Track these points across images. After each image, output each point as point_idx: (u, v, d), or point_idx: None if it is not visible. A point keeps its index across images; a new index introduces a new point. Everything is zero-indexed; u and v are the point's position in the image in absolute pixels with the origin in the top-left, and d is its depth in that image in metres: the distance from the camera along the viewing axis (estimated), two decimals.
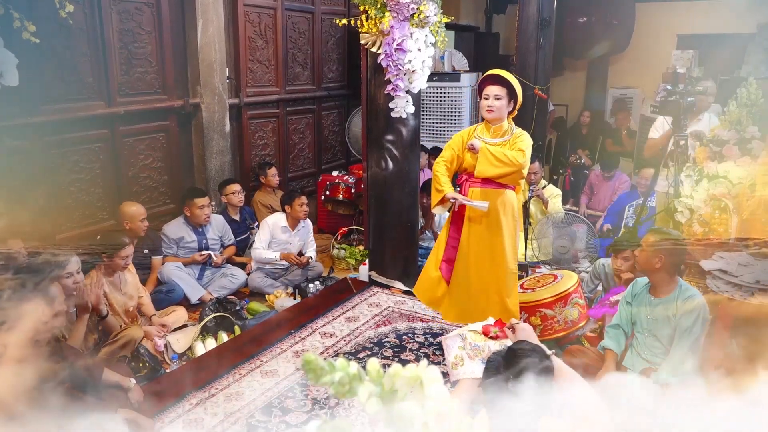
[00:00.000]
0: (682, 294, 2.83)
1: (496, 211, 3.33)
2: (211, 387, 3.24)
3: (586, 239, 4.93)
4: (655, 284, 2.94)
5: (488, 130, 3.38)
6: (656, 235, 2.93)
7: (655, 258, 2.84)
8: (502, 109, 3.31)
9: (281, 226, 4.57)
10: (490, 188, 3.34)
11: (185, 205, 4.39)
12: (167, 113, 4.76)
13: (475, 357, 2.08)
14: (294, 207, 4.53)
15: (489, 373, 1.63)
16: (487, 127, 3.38)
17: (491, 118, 3.34)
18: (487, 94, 3.31)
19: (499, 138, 3.35)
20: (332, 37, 6.47)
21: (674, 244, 2.85)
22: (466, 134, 3.43)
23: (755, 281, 2.91)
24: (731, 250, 3.17)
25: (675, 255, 2.84)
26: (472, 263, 3.40)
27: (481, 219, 3.35)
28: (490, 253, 3.37)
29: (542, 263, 5.02)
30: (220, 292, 4.35)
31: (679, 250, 2.88)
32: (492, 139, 3.34)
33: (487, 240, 3.36)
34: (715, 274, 3.09)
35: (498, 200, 3.33)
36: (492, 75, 3.32)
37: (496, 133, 3.36)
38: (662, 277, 2.88)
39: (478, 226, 3.38)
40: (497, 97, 3.29)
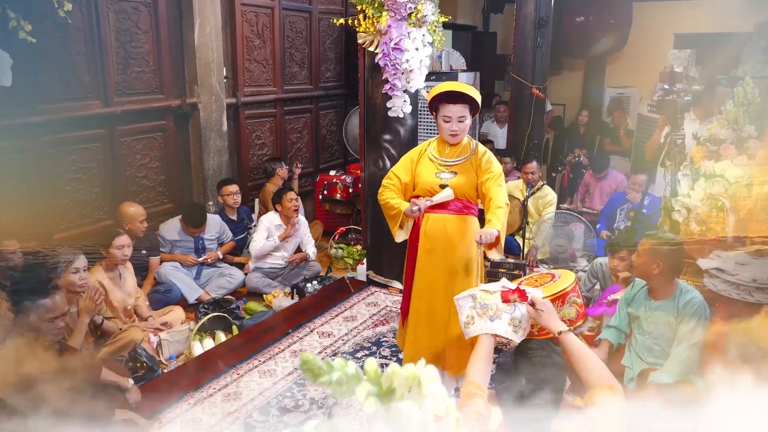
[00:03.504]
0: (683, 297, 2.78)
1: (455, 241, 2.92)
2: (208, 387, 3.23)
3: (583, 238, 4.93)
4: (654, 288, 2.88)
5: (444, 148, 2.96)
6: (653, 239, 2.87)
7: (652, 264, 2.78)
8: (467, 129, 2.90)
9: (276, 224, 4.58)
10: (450, 214, 2.93)
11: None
12: (164, 113, 4.75)
13: (483, 315, 2.13)
14: (284, 204, 4.54)
15: (501, 378, 1.62)
16: (443, 145, 2.96)
17: (456, 142, 2.94)
18: (448, 116, 2.83)
19: (457, 158, 2.93)
20: (330, 36, 6.47)
21: (671, 248, 2.80)
22: (416, 155, 3.01)
23: (752, 280, 2.91)
24: (728, 249, 3.18)
25: (673, 259, 2.79)
26: (430, 297, 2.98)
27: (440, 248, 2.92)
28: (451, 286, 2.90)
29: (540, 262, 5.02)
30: (218, 291, 4.35)
31: (677, 253, 2.82)
32: (450, 160, 2.93)
33: (447, 273, 2.94)
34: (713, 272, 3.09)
35: (458, 229, 2.93)
36: (453, 93, 2.80)
37: (453, 152, 2.94)
38: (661, 281, 2.83)
39: (437, 257, 2.93)
40: (461, 119, 2.84)
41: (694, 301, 2.77)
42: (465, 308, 2.22)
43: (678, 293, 2.81)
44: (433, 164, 2.95)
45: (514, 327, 2.09)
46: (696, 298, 2.78)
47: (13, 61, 3.39)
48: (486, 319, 2.11)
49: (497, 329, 2.08)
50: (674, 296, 2.81)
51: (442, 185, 2.90)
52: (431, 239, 2.94)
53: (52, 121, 3.90)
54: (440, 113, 2.87)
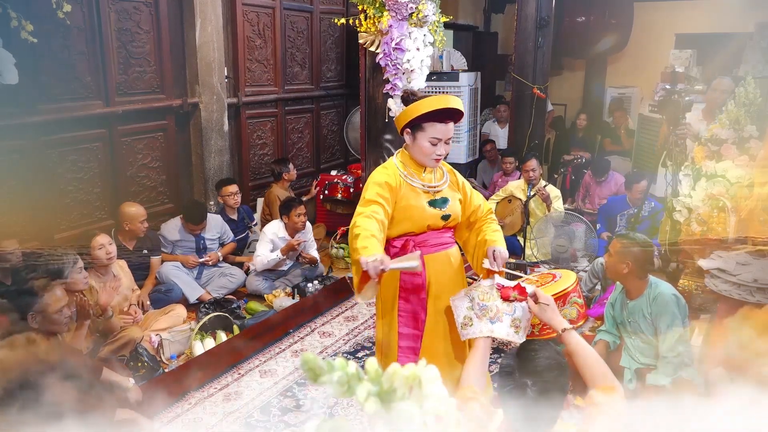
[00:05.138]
0: (652, 292, 2.85)
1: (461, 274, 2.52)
2: (209, 386, 3.24)
3: (584, 238, 4.92)
4: (627, 288, 2.97)
5: (421, 172, 2.38)
6: (622, 240, 2.95)
7: (621, 264, 2.87)
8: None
9: (281, 236, 4.46)
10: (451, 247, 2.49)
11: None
12: (165, 113, 4.76)
13: (483, 317, 2.08)
14: (291, 218, 4.40)
15: (504, 380, 1.61)
16: (418, 169, 2.38)
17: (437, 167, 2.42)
18: (437, 137, 2.27)
19: (440, 181, 2.42)
20: (331, 36, 6.47)
21: (640, 249, 2.86)
22: (392, 180, 2.33)
23: (753, 280, 2.92)
24: (729, 249, 3.18)
25: (642, 259, 2.86)
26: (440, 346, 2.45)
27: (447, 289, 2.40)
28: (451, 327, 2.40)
29: (541, 262, 5.02)
30: (219, 291, 4.35)
31: (646, 253, 2.89)
32: (435, 185, 2.40)
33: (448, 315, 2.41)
34: (714, 272, 3.10)
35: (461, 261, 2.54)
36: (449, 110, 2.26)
37: (433, 176, 2.42)
38: (632, 281, 2.91)
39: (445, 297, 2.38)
40: (449, 140, 2.32)
41: (663, 294, 2.81)
42: (462, 308, 2.17)
43: (648, 290, 2.87)
44: (419, 192, 2.36)
45: (515, 328, 2.06)
46: (664, 291, 2.83)
47: (15, 60, 3.40)
48: (486, 321, 2.07)
49: (499, 332, 2.04)
50: (645, 293, 2.88)
51: (445, 216, 2.40)
52: (440, 284, 2.42)
53: (53, 121, 3.91)
54: (426, 134, 2.27)
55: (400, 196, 2.32)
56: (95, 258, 3.46)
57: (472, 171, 6.89)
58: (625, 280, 2.93)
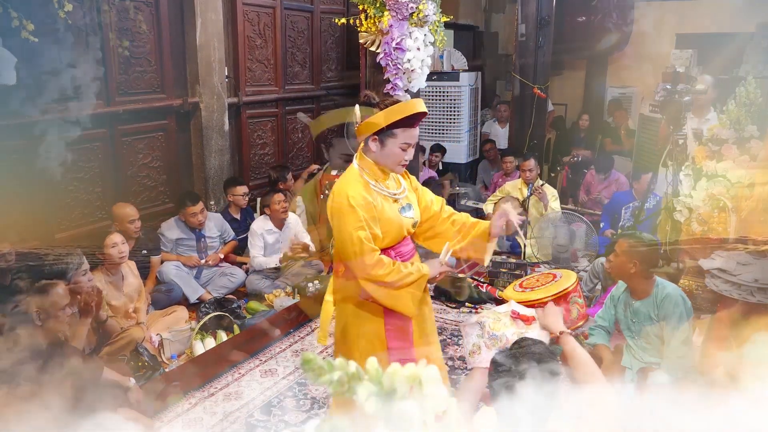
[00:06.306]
0: (660, 293, 2.83)
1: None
2: (210, 386, 3.24)
3: (585, 238, 4.93)
4: (633, 288, 2.94)
5: (384, 178, 2.29)
6: (629, 239, 2.92)
7: (629, 264, 2.84)
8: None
9: (267, 229, 4.52)
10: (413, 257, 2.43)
11: (180, 210, 4.37)
12: (166, 112, 4.76)
13: (492, 347, 2.06)
14: (272, 206, 4.48)
15: (495, 374, 1.62)
16: (382, 175, 2.28)
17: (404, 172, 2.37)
18: (408, 142, 2.20)
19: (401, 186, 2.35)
20: (331, 36, 6.47)
21: (647, 248, 2.84)
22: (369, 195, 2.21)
23: (754, 280, 2.91)
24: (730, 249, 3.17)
25: (649, 258, 2.85)
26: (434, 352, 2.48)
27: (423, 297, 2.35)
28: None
29: (541, 262, 5.02)
30: (220, 291, 4.35)
31: (653, 253, 2.88)
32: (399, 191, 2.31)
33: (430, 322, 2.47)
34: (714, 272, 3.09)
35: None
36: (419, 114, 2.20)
37: (394, 181, 2.34)
38: (639, 281, 2.89)
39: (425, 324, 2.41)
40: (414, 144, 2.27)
41: (672, 296, 2.80)
42: (471, 336, 2.14)
43: (655, 290, 2.85)
44: (390, 202, 2.28)
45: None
46: (673, 293, 2.81)
47: (16, 60, 3.40)
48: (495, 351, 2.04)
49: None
50: (653, 294, 2.85)
51: (415, 222, 2.36)
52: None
53: (54, 120, 3.90)
54: (397, 140, 2.19)
55: (379, 210, 2.21)
56: (107, 256, 3.46)
57: (473, 171, 6.89)
58: (631, 279, 2.90)
